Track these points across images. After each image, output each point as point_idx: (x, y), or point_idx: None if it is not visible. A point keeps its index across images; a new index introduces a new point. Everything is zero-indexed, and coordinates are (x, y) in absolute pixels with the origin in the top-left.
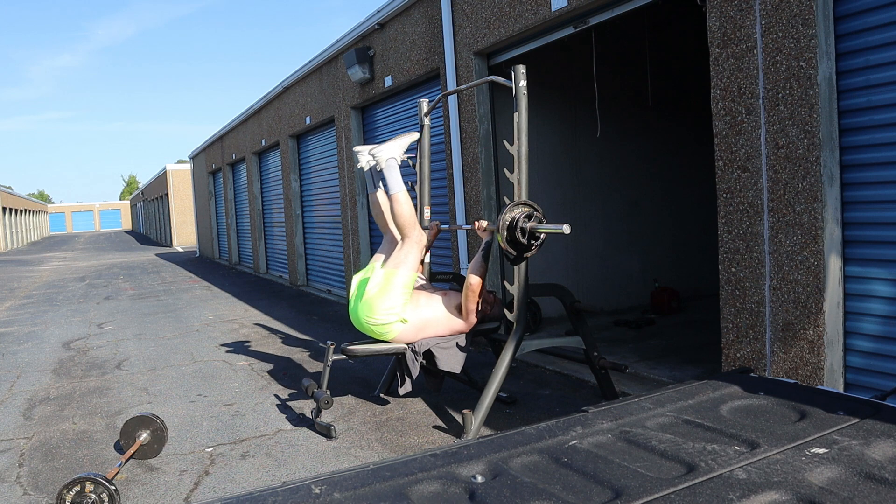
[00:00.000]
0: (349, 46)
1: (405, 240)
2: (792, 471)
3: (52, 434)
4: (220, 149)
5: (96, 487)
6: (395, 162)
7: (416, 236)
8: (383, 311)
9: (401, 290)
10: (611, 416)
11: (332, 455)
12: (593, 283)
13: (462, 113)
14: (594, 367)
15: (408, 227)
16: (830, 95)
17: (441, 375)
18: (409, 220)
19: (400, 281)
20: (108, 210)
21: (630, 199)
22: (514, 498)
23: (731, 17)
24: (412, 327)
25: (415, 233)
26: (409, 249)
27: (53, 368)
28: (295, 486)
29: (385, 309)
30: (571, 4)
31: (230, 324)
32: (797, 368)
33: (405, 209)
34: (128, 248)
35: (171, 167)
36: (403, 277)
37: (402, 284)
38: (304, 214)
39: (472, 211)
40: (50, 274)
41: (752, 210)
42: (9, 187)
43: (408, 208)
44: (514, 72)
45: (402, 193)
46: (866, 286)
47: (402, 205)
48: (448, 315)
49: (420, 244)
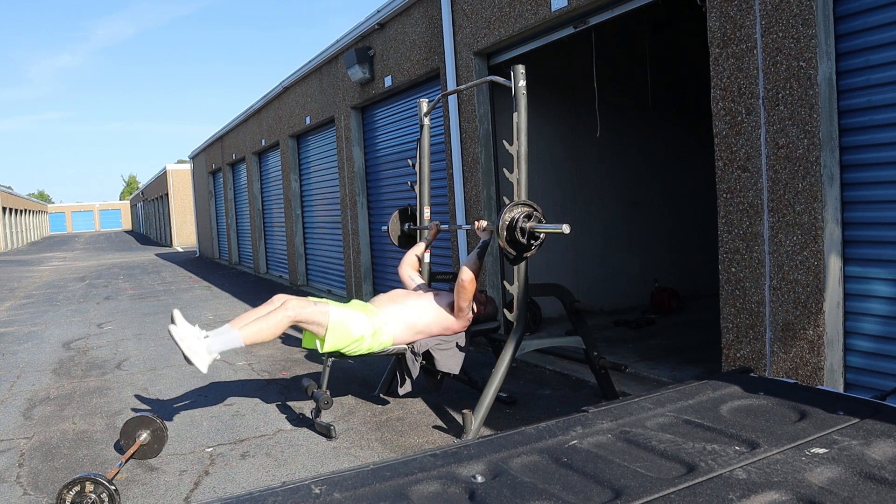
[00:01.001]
0: (349, 46)
1: (296, 321)
2: (792, 471)
3: (52, 434)
4: (220, 149)
5: (96, 487)
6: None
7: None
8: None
9: (341, 321)
10: (611, 416)
11: (332, 455)
12: (593, 283)
13: (462, 113)
14: (594, 367)
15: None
16: (830, 95)
17: (441, 375)
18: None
19: (332, 320)
20: (108, 210)
21: (630, 199)
22: (514, 498)
23: (731, 17)
24: (401, 326)
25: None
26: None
27: (53, 368)
28: (295, 486)
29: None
30: (571, 4)
31: None
32: (797, 368)
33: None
34: (128, 248)
35: (171, 167)
36: (330, 316)
37: (335, 319)
38: (304, 214)
39: (472, 211)
40: (50, 274)
41: (752, 210)
42: (9, 187)
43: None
44: (514, 72)
45: (242, 338)
46: (866, 286)
47: (263, 333)
48: (439, 313)
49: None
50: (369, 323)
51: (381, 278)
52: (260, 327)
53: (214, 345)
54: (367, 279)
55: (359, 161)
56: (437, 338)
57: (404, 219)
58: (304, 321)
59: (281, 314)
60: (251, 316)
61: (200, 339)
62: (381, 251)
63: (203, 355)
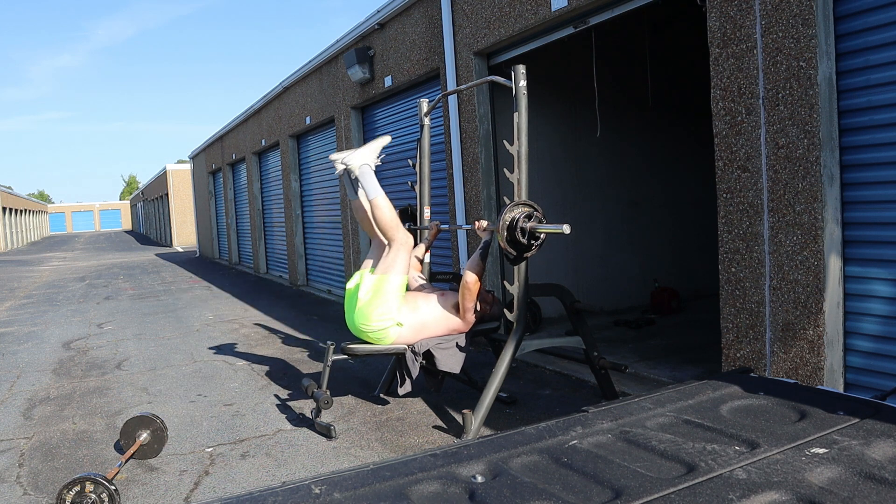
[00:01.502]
0: (349, 46)
1: (391, 244)
2: (792, 471)
3: (52, 434)
4: (220, 149)
5: (96, 487)
6: (370, 168)
7: (401, 238)
8: (377, 317)
9: (393, 295)
10: (611, 416)
11: (332, 455)
12: (593, 283)
13: (462, 113)
14: (594, 367)
15: (391, 231)
16: (830, 95)
17: (441, 376)
18: (392, 223)
19: (391, 286)
20: (108, 210)
21: (630, 199)
22: (514, 498)
23: (731, 17)
24: (409, 329)
25: (399, 235)
26: (395, 253)
27: (53, 368)
28: (295, 486)
29: (379, 315)
30: (571, 4)
31: (230, 324)
32: (797, 368)
33: (386, 213)
34: (128, 248)
35: (171, 167)
36: (394, 282)
37: (393, 289)
38: (304, 214)
39: (472, 211)
40: (50, 274)
41: (752, 210)
42: (9, 187)
43: (389, 212)
44: (514, 72)
45: (380, 198)
46: (866, 286)
47: (383, 209)
48: (445, 315)
49: (406, 246)
50: (398, 313)
51: None
52: (389, 208)
53: (367, 172)
54: None
55: None
56: (438, 337)
57: (404, 219)
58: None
59: (400, 233)
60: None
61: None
62: None
63: (359, 159)
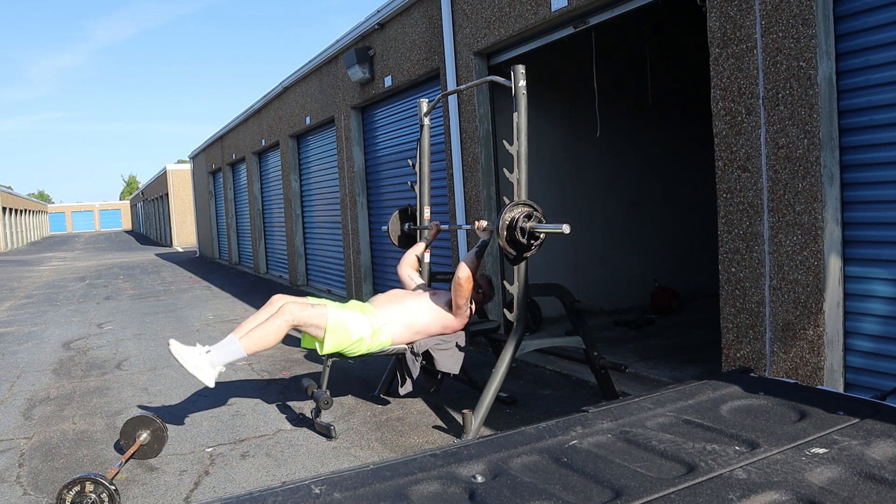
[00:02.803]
0: (349, 46)
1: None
2: (792, 471)
3: (52, 434)
4: (220, 149)
5: (96, 487)
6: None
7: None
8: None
9: (340, 321)
10: (611, 416)
11: (332, 455)
12: (593, 283)
13: (462, 113)
14: (594, 367)
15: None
16: (830, 95)
17: (440, 375)
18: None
19: (331, 319)
20: (108, 210)
21: (630, 199)
22: (514, 498)
23: (731, 17)
24: (400, 326)
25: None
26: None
27: (53, 368)
28: (295, 486)
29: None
30: (571, 4)
31: (230, 324)
32: (797, 368)
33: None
34: (128, 248)
35: (171, 167)
36: (332, 314)
37: (332, 320)
38: (304, 214)
39: (472, 211)
40: (50, 274)
41: (752, 210)
42: (9, 187)
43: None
44: (514, 72)
45: (245, 348)
46: (866, 286)
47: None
48: (439, 312)
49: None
50: (368, 323)
51: (381, 278)
52: (260, 335)
53: (217, 358)
54: (367, 279)
55: (359, 161)
56: (437, 337)
57: (404, 219)
58: (303, 324)
59: (279, 320)
60: (251, 323)
61: (202, 354)
62: (381, 251)
63: (208, 370)
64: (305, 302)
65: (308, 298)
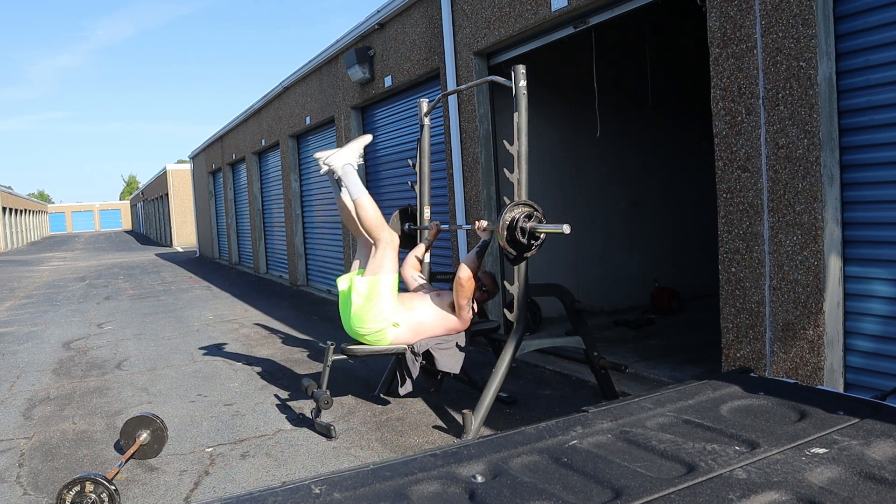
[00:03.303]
0: (349, 46)
1: (377, 243)
2: (792, 471)
3: (52, 434)
4: (220, 149)
5: (96, 487)
6: (352, 167)
7: (386, 237)
8: (372, 318)
9: (386, 295)
10: (611, 416)
11: (332, 455)
12: (593, 283)
13: (462, 113)
14: (594, 367)
15: (376, 230)
16: (830, 95)
17: (440, 376)
18: (376, 222)
19: (383, 286)
20: (108, 210)
21: (630, 199)
22: (514, 498)
23: (731, 17)
24: (407, 329)
25: (384, 234)
26: (382, 252)
27: (53, 368)
28: (295, 486)
29: (373, 316)
30: (571, 4)
31: (230, 324)
32: (797, 368)
33: (370, 213)
34: (128, 248)
35: (171, 167)
36: (386, 282)
37: (385, 289)
38: (304, 214)
39: (472, 211)
40: (50, 274)
41: (752, 210)
42: (9, 187)
43: (373, 211)
44: (514, 72)
45: (364, 197)
46: (866, 286)
47: (367, 209)
48: (442, 314)
49: (392, 244)
50: (393, 314)
51: None
52: (373, 203)
53: (349, 172)
54: None
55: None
56: (437, 337)
57: (404, 219)
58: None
59: (386, 231)
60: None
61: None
62: None
63: (341, 159)
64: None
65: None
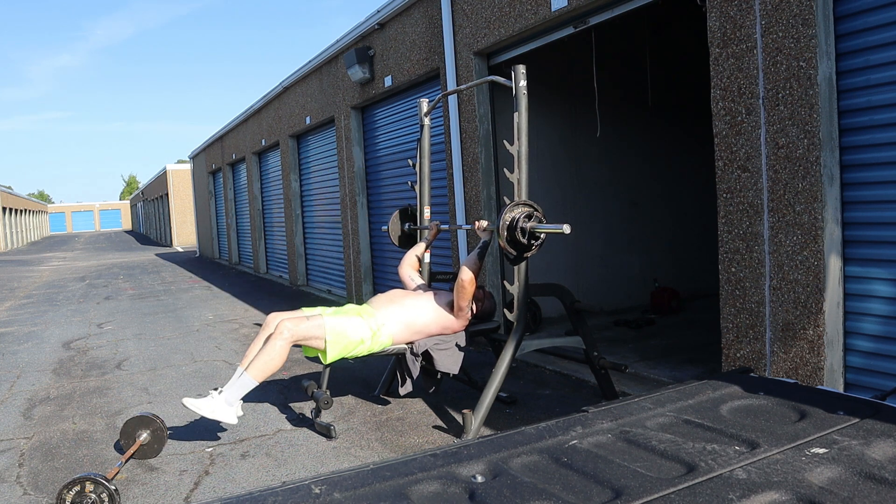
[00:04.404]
0: (349, 46)
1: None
2: (792, 471)
3: (52, 434)
4: (220, 149)
5: (96, 487)
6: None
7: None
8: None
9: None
10: (611, 416)
11: (332, 455)
12: (593, 283)
13: (462, 113)
14: (594, 367)
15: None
16: (830, 95)
17: (439, 376)
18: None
19: (329, 328)
20: (108, 210)
21: (630, 199)
22: (514, 498)
23: (731, 17)
24: (400, 326)
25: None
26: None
27: (53, 368)
28: (295, 486)
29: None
30: (571, 4)
31: (230, 324)
32: (797, 368)
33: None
34: (128, 248)
35: (171, 167)
36: (325, 327)
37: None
38: (304, 214)
39: (472, 211)
40: (50, 274)
41: (752, 210)
42: (9, 187)
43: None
44: (514, 72)
45: (254, 379)
46: (866, 286)
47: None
48: (438, 312)
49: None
50: (367, 325)
51: (381, 278)
52: (265, 361)
53: (231, 396)
54: (367, 279)
55: (359, 161)
56: (437, 337)
57: (404, 219)
58: (302, 339)
59: (279, 341)
60: (253, 351)
61: (216, 397)
62: (381, 251)
63: (226, 410)
64: (301, 315)
65: (303, 310)
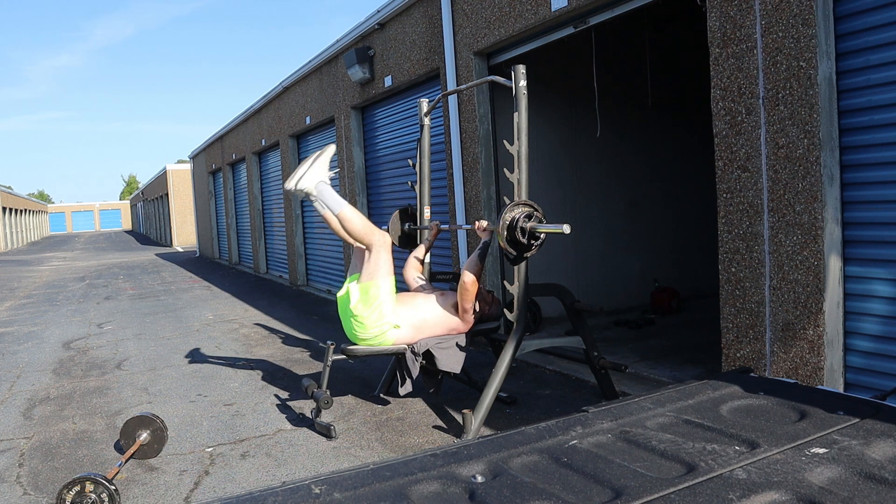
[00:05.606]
0: (349, 46)
1: (370, 248)
2: (792, 471)
3: (52, 434)
4: (220, 149)
5: (96, 487)
6: (325, 184)
7: (377, 241)
8: (372, 323)
9: (385, 299)
10: (611, 416)
11: (332, 455)
12: (593, 283)
13: (462, 113)
14: (594, 367)
15: (366, 236)
16: (830, 95)
17: (440, 376)
18: (364, 229)
19: (380, 290)
20: (108, 210)
21: (630, 199)
22: (514, 498)
23: (731, 17)
24: (409, 329)
25: (376, 238)
26: (377, 256)
27: (53, 368)
28: (295, 486)
29: (373, 321)
30: (571, 4)
31: (230, 324)
32: (797, 368)
33: (357, 223)
34: (128, 248)
35: (171, 167)
36: (383, 286)
37: (383, 293)
38: (304, 214)
39: (472, 211)
40: (50, 274)
41: (752, 210)
42: (9, 187)
43: (359, 220)
44: (514, 72)
45: (346, 209)
46: (866, 286)
47: (352, 220)
48: (445, 314)
49: (385, 246)
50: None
51: None
52: (358, 214)
53: (324, 189)
54: None
55: (359, 161)
56: (438, 337)
57: (404, 219)
58: (375, 261)
59: (377, 235)
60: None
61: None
62: None
63: (311, 180)
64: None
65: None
